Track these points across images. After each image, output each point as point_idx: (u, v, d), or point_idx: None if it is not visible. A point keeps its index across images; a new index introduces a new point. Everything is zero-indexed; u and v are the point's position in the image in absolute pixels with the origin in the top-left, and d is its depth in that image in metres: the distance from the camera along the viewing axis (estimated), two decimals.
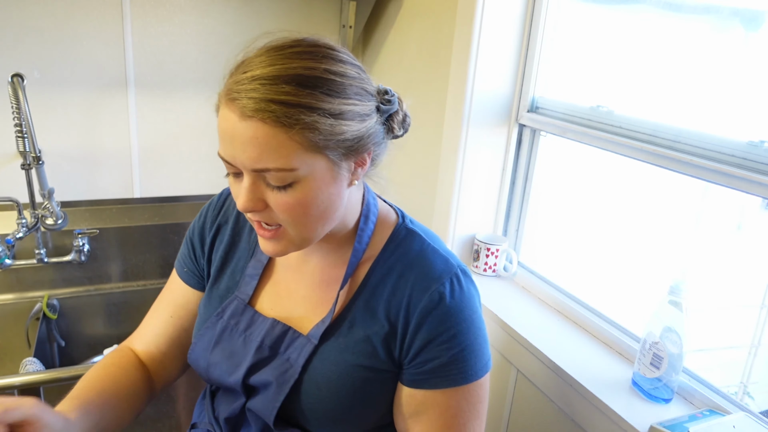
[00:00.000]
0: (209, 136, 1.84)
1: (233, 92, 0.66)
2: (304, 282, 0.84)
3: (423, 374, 0.78)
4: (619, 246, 1.53)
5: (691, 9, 1.19)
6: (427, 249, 0.81)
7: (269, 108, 0.64)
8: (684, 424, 0.98)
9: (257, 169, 0.67)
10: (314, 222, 0.72)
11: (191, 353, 0.88)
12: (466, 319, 0.77)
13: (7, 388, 1.24)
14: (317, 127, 0.65)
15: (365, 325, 0.79)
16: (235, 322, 0.85)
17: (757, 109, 1.05)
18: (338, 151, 0.69)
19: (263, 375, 0.80)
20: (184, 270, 0.94)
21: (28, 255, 1.63)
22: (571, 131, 1.32)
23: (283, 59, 0.67)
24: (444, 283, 0.77)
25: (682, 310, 1.04)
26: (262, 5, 1.77)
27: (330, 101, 0.67)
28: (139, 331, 0.96)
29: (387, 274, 0.80)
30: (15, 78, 1.39)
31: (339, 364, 0.78)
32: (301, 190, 0.68)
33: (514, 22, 1.41)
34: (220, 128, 0.68)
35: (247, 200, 0.69)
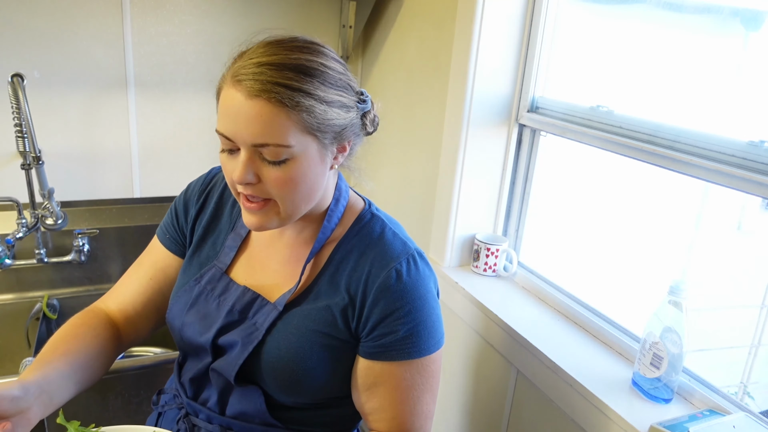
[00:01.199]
0: (209, 136, 1.84)
1: (240, 75, 0.74)
2: (276, 257, 0.92)
3: (380, 347, 0.84)
4: (619, 246, 1.53)
5: (691, 9, 1.19)
6: (388, 232, 0.89)
7: (275, 90, 0.72)
8: (684, 424, 0.98)
9: (257, 144, 0.74)
10: (300, 198, 0.80)
11: (169, 312, 0.95)
12: (421, 297, 0.84)
13: None
14: (313, 111, 0.75)
15: (328, 297, 0.86)
16: (212, 287, 0.92)
17: (757, 109, 1.05)
18: (327, 135, 0.78)
19: (231, 336, 0.87)
20: (167, 236, 1.02)
21: (28, 255, 1.63)
22: (571, 131, 1.32)
23: (285, 50, 0.76)
24: (401, 262, 0.85)
25: (682, 310, 1.04)
26: (262, 5, 1.77)
27: (325, 90, 0.76)
28: (115, 291, 1.01)
29: (350, 252, 0.88)
30: (15, 78, 1.39)
31: (300, 328, 0.85)
32: (293, 166, 0.76)
33: (514, 22, 1.41)
34: (224, 106, 0.76)
35: (244, 173, 0.76)
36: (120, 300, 1.00)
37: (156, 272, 1.01)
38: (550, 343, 1.23)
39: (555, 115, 1.39)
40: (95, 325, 0.93)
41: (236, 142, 0.76)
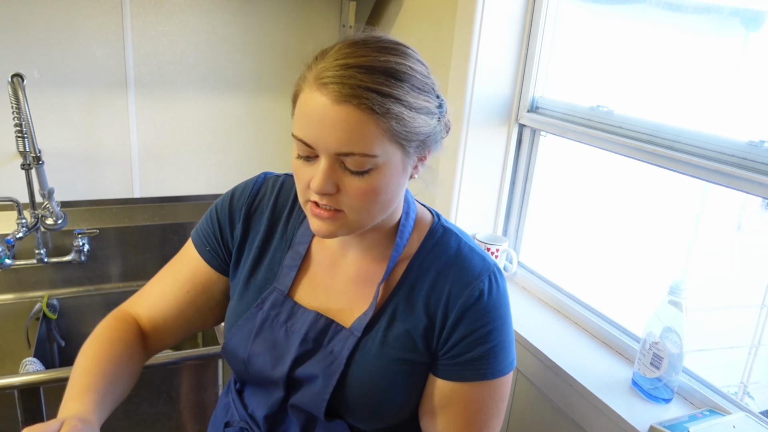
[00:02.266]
0: (209, 136, 1.84)
1: (325, 77, 0.69)
2: (341, 277, 0.86)
3: (455, 366, 0.80)
4: (619, 246, 1.53)
5: (691, 9, 1.19)
6: (464, 247, 0.84)
7: (365, 95, 0.67)
8: (684, 424, 0.98)
9: (341, 153, 0.69)
10: (377, 210, 0.75)
11: (228, 344, 0.87)
12: (501, 316, 0.81)
13: (7, 388, 1.24)
14: (403, 119, 0.70)
15: (405, 319, 0.81)
16: (276, 313, 0.85)
17: (757, 109, 1.05)
18: (413, 144, 0.73)
19: (309, 368, 0.82)
20: (207, 248, 0.93)
21: (28, 255, 1.63)
22: (571, 131, 1.32)
23: (372, 51, 0.71)
24: (483, 280, 0.80)
25: (682, 310, 1.04)
26: (262, 5, 1.77)
27: (414, 96, 0.71)
28: (146, 297, 0.94)
29: (426, 271, 0.82)
30: (15, 78, 1.39)
31: (381, 357, 0.80)
32: (376, 176, 0.71)
33: (514, 22, 1.41)
34: (306, 111, 0.71)
35: (324, 182, 0.70)
36: (151, 309, 0.93)
37: (194, 286, 0.93)
38: (550, 343, 1.23)
39: (555, 115, 1.39)
40: (128, 339, 0.88)
41: (317, 149, 0.70)
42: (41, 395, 1.27)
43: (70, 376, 0.80)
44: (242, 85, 1.82)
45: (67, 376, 1.38)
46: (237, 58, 1.79)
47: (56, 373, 1.28)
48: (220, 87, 1.80)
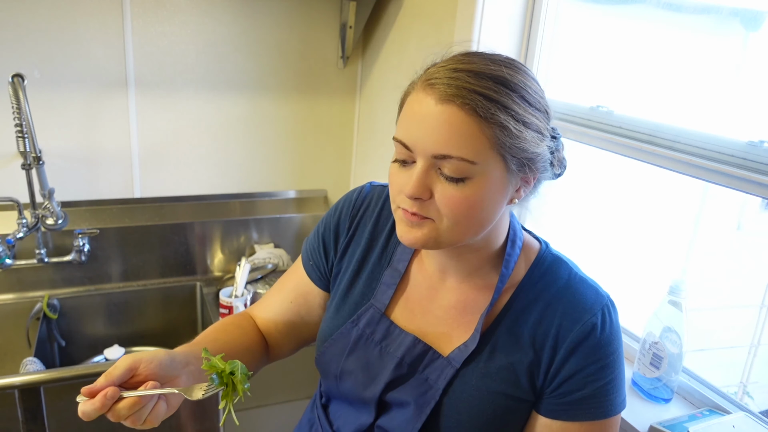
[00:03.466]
0: (209, 136, 1.84)
1: (433, 78, 0.68)
2: (440, 302, 0.82)
3: (564, 405, 0.76)
4: (618, 246, 1.53)
5: (691, 9, 1.19)
6: (575, 278, 0.79)
7: (469, 96, 0.65)
8: (684, 424, 0.98)
9: (439, 155, 0.67)
10: (470, 225, 0.71)
11: (321, 357, 0.87)
12: (614, 351, 0.76)
13: (7, 388, 1.24)
14: (508, 128, 0.67)
15: (507, 351, 0.77)
16: (371, 331, 0.83)
17: (757, 109, 1.05)
18: (516, 160, 0.69)
19: (401, 393, 0.79)
20: (310, 263, 0.94)
21: (29, 255, 1.64)
22: (571, 131, 1.32)
23: (484, 60, 0.70)
24: (596, 314, 0.75)
25: (682, 310, 1.04)
26: (262, 5, 1.77)
27: (523, 108, 0.68)
28: (260, 304, 0.97)
29: (533, 301, 0.78)
30: (15, 78, 1.39)
31: (480, 389, 0.77)
32: (472, 187, 0.68)
33: (514, 22, 1.41)
34: (409, 111, 0.70)
35: (418, 186, 0.68)
36: (263, 315, 0.95)
37: (297, 296, 0.94)
38: None
39: (555, 115, 1.38)
40: (245, 326, 0.91)
41: (415, 151, 0.68)
42: (42, 395, 1.27)
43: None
44: (242, 85, 1.83)
45: (67, 375, 1.39)
46: (237, 58, 1.79)
47: (56, 373, 1.28)
48: (220, 87, 1.80)
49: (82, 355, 1.75)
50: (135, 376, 0.69)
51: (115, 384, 0.67)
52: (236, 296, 1.65)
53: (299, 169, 2.00)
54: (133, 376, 0.69)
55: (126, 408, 0.67)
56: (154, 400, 0.69)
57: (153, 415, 0.69)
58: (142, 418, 0.68)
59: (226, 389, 0.72)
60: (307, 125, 1.96)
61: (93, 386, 0.67)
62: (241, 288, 1.66)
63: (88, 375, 1.31)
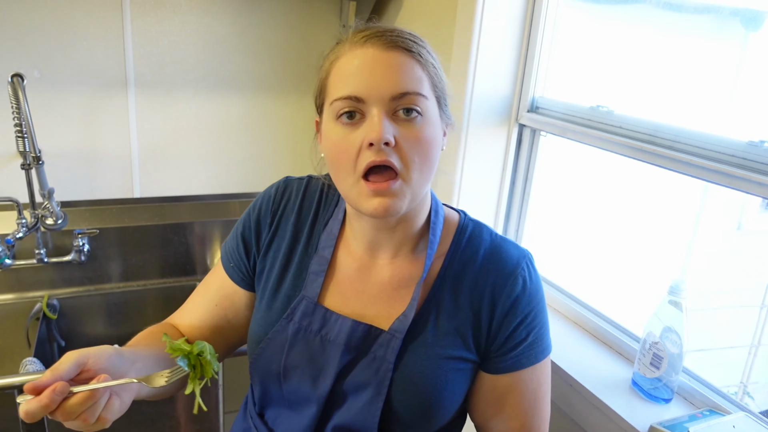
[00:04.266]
0: (209, 136, 1.84)
1: (365, 37, 0.74)
2: (373, 280, 0.84)
3: (512, 358, 0.80)
4: (619, 246, 1.53)
5: (691, 9, 1.19)
6: (497, 238, 0.85)
7: (407, 43, 0.74)
8: (684, 424, 0.98)
9: (397, 95, 0.72)
10: (428, 168, 0.75)
11: (258, 359, 0.84)
12: (542, 298, 0.83)
13: (7, 388, 1.24)
14: (436, 70, 0.77)
15: (450, 316, 0.80)
16: (308, 322, 0.82)
17: (757, 109, 1.05)
18: (443, 100, 0.79)
19: (356, 377, 0.79)
20: (231, 265, 0.92)
21: (28, 255, 1.63)
22: (571, 131, 1.32)
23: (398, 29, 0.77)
24: (523, 267, 0.82)
25: (682, 310, 1.04)
26: (263, 5, 1.77)
27: (435, 58, 0.79)
28: (182, 312, 0.94)
29: (465, 266, 0.82)
30: (15, 78, 1.39)
31: (430, 357, 0.78)
32: (424, 124, 0.74)
33: (514, 22, 1.41)
34: (352, 68, 0.73)
35: (383, 129, 0.70)
36: (187, 322, 0.92)
37: (222, 299, 0.92)
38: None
39: (555, 115, 1.39)
40: (171, 334, 0.88)
41: (369, 101, 0.71)
42: None
43: None
44: (242, 85, 1.82)
45: None
46: (237, 58, 1.79)
47: None
48: (220, 87, 1.80)
49: None
50: (83, 371, 0.65)
51: (62, 379, 0.62)
52: None
53: (299, 169, 2.00)
54: (81, 372, 0.65)
55: (78, 404, 0.62)
56: (106, 395, 0.65)
57: (106, 412, 0.65)
58: (94, 415, 0.64)
59: (194, 371, 0.69)
60: (306, 125, 1.96)
61: (38, 382, 0.61)
62: None
63: None
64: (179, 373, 0.69)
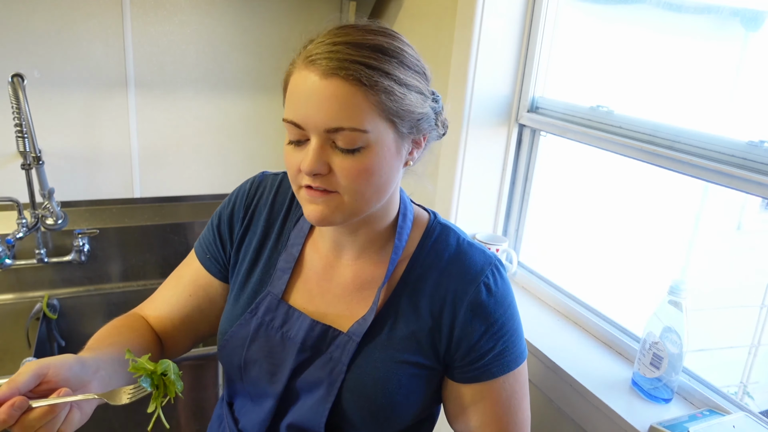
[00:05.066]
0: (209, 136, 1.84)
1: (313, 55, 0.69)
2: (337, 280, 0.83)
3: (478, 369, 0.79)
4: (619, 246, 1.53)
5: (691, 9, 1.19)
6: (463, 243, 0.83)
7: (352, 67, 0.67)
8: (684, 424, 0.98)
9: (330, 129, 0.68)
10: (371, 193, 0.72)
11: (222, 350, 0.85)
12: (510, 305, 0.80)
13: None
14: (393, 93, 0.69)
15: (407, 321, 0.79)
16: (270, 318, 0.83)
17: (757, 109, 1.05)
18: (405, 123, 0.72)
19: (309, 376, 0.80)
20: (207, 256, 0.92)
21: (28, 255, 1.63)
22: (571, 131, 1.32)
23: (359, 31, 0.71)
24: (487, 275, 0.79)
25: (682, 310, 1.04)
26: (263, 5, 1.77)
27: (403, 72, 0.71)
28: (152, 302, 0.93)
29: (427, 270, 0.81)
30: (15, 78, 1.39)
31: (384, 361, 0.78)
32: (368, 155, 0.69)
33: (514, 22, 1.41)
34: (295, 91, 0.70)
35: (314, 161, 0.68)
36: (158, 312, 0.92)
37: (196, 289, 0.92)
38: (550, 343, 1.23)
39: (555, 115, 1.39)
40: (137, 327, 0.87)
41: (306, 129, 0.69)
42: None
43: None
44: (242, 85, 1.83)
45: None
46: (237, 58, 1.79)
47: None
48: (220, 87, 1.80)
49: None
50: (43, 383, 0.63)
51: (21, 393, 0.61)
52: None
53: None
54: (41, 383, 0.63)
55: (37, 419, 0.61)
56: (66, 408, 0.64)
57: (66, 425, 0.64)
58: (54, 429, 0.63)
59: (157, 390, 0.69)
60: None
61: None
62: None
63: None
64: (142, 392, 0.68)
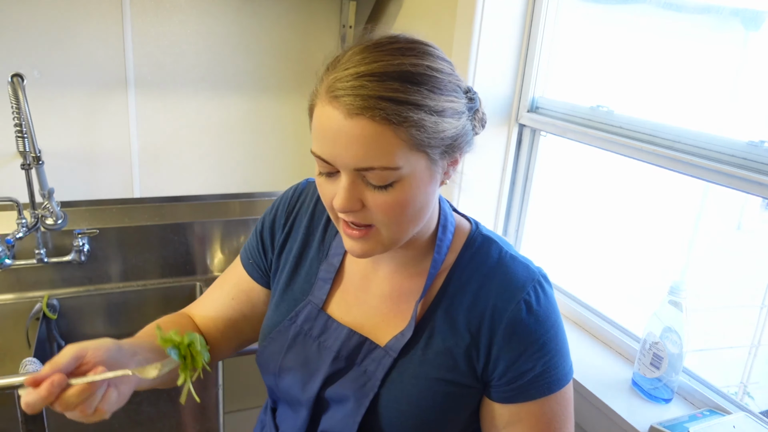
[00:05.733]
0: (209, 136, 1.84)
1: (336, 90, 0.65)
2: (375, 292, 0.82)
3: (516, 389, 0.75)
4: (619, 246, 1.53)
5: (691, 9, 1.19)
6: (506, 256, 0.78)
7: (378, 105, 0.63)
8: (684, 424, 0.98)
9: (360, 168, 0.65)
10: (408, 222, 0.70)
11: (260, 355, 0.86)
12: (553, 325, 0.75)
13: (7, 388, 1.24)
14: (423, 125, 0.65)
15: (444, 336, 0.76)
16: (309, 327, 0.82)
17: (757, 109, 1.05)
18: (438, 149, 0.68)
19: (340, 387, 0.78)
20: (250, 261, 0.93)
21: (28, 255, 1.63)
22: (571, 131, 1.32)
23: (385, 56, 0.66)
24: (529, 291, 0.75)
25: (682, 310, 1.04)
26: (262, 5, 1.77)
27: (434, 98, 0.66)
28: (199, 303, 0.95)
29: (466, 284, 0.77)
30: (15, 78, 1.39)
31: (419, 377, 0.76)
32: (401, 189, 0.67)
33: (514, 22, 1.41)
34: (320, 127, 0.67)
35: (346, 200, 0.67)
36: (203, 313, 0.93)
37: (239, 293, 0.93)
38: None
39: (555, 115, 1.39)
40: (183, 324, 0.89)
41: (336, 165, 0.67)
42: None
43: None
44: (242, 85, 1.82)
45: None
46: (237, 58, 1.79)
47: None
48: (220, 87, 1.80)
49: None
50: (82, 364, 0.66)
51: (61, 372, 0.64)
52: None
53: (299, 169, 2.00)
54: (80, 365, 0.66)
55: (75, 395, 0.64)
56: (103, 387, 0.67)
57: (103, 403, 0.66)
58: (92, 406, 0.66)
59: (184, 362, 0.70)
60: (306, 125, 1.96)
61: (37, 374, 0.63)
62: None
63: None
64: (171, 364, 0.70)
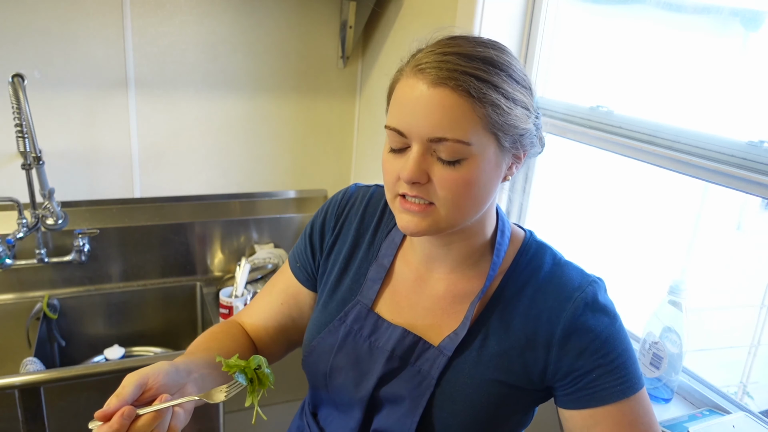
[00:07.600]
0: (209, 136, 1.84)
1: (422, 63, 0.69)
2: (428, 293, 0.82)
3: (582, 390, 0.74)
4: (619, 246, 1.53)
5: (691, 9, 1.19)
6: (561, 261, 0.80)
7: (461, 78, 0.66)
8: (684, 424, 0.98)
9: (434, 138, 0.67)
10: (468, 206, 0.72)
11: (309, 356, 0.86)
12: (613, 323, 0.75)
13: (7, 388, 1.24)
14: (499, 107, 0.68)
15: (499, 339, 0.77)
16: (359, 327, 0.83)
17: (757, 109, 1.05)
18: (508, 138, 0.70)
19: (394, 387, 0.79)
20: (297, 264, 0.94)
21: (29, 255, 1.64)
22: (571, 131, 1.32)
23: (471, 44, 0.70)
24: (585, 290, 0.75)
25: (682, 310, 1.04)
26: (263, 5, 1.77)
27: (512, 86, 0.70)
28: (249, 309, 0.97)
29: (522, 288, 0.78)
30: (15, 78, 1.39)
31: (474, 377, 0.76)
32: (468, 168, 0.69)
33: (514, 22, 1.41)
34: (401, 98, 0.71)
35: (415, 169, 0.68)
36: (253, 320, 0.95)
37: (287, 297, 0.94)
38: None
39: (555, 115, 1.39)
40: (234, 333, 0.90)
41: (410, 137, 0.69)
42: (42, 395, 1.27)
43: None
44: (242, 85, 1.83)
45: (67, 375, 1.39)
46: (237, 58, 1.79)
47: (57, 373, 1.28)
48: (220, 87, 1.80)
49: (82, 355, 1.75)
50: (145, 391, 0.68)
51: (127, 403, 0.65)
52: (236, 296, 1.65)
53: (299, 169, 2.00)
54: (144, 392, 0.68)
55: (146, 425, 0.66)
56: (170, 411, 0.68)
57: (175, 421, 0.68)
58: (164, 429, 0.67)
59: (251, 384, 0.72)
60: (307, 125, 1.96)
61: (105, 409, 0.65)
62: (241, 288, 1.66)
63: (88, 375, 1.32)
64: (238, 387, 0.73)
